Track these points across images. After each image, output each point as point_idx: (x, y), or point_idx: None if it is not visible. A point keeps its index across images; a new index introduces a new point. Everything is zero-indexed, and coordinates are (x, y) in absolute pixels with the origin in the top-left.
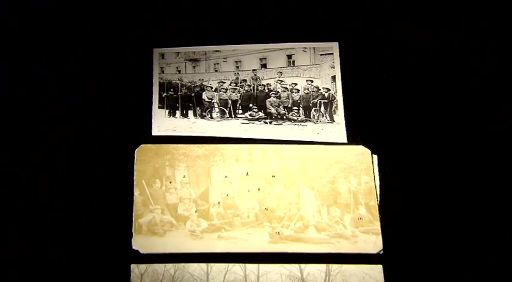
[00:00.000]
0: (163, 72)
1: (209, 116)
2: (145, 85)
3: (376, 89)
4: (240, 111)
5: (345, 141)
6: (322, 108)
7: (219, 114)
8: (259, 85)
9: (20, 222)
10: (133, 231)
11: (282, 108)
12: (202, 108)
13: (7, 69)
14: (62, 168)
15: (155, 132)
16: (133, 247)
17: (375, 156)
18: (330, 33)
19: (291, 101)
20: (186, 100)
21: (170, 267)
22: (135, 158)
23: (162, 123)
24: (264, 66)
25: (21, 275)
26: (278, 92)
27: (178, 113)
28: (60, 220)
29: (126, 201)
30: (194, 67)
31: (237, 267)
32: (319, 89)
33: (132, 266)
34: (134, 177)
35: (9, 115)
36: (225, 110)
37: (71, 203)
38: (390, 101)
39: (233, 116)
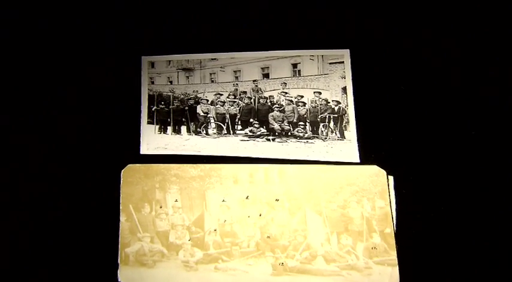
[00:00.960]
0: (153, 83)
1: (204, 132)
2: (132, 97)
3: (392, 102)
4: (239, 127)
5: (358, 160)
6: (332, 124)
7: (215, 131)
8: (261, 97)
9: None
10: (119, 261)
11: (286, 124)
12: (197, 124)
13: None
14: (41, 190)
15: (144, 150)
16: (119, 280)
17: (391, 178)
18: (340, 40)
19: (296, 116)
20: (178, 114)
21: None
22: (122, 179)
23: (152, 140)
24: (266, 76)
25: None
26: (282, 105)
27: (169, 128)
28: (40, 251)
29: (111, 228)
30: (188, 77)
31: None
32: (329, 102)
33: None
34: (120, 201)
35: None
36: (223, 125)
37: (51, 231)
38: (408, 116)
39: (231, 132)
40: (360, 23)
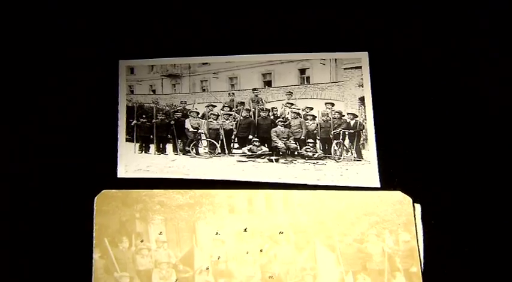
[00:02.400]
0: (132, 92)
1: (194, 151)
2: (108, 110)
3: (419, 115)
4: (236, 146)
5: (378, 185)
6: (347, 141)
7: (207, 150)
8: (262, 110)
9: None
10: None
11: (292, 141)
12: (185, 141)
13: None
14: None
15: (121, 173)
16: None
17: (418, 206)
18: (357, 41)
19: (304, 132)
20: (163, 130)
21: None
22: (95, 208)
23: (131, 161)
24: (268, 83)
25: None
26: (287, 119)
27: (152, 147)
28: None
29: (83, 267)
30: (174, 85)
31: None
32: (343, 115)
33: None
34: (93, 234)
35: None
36: (216, 143)
37: (14, 272)
38: (439, 132)
39: (227, 151)
40: (380, 22)
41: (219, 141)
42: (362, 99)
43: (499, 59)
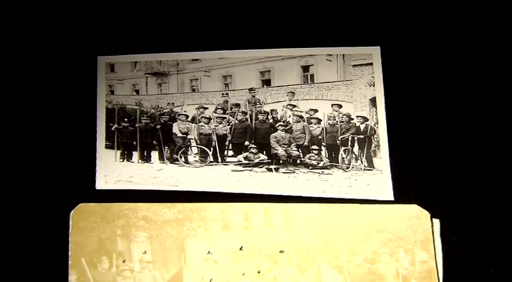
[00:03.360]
0: (112, 92)
1: (183, 159)
2: (85, 112)
3: (438, 118)
4: (231, 153)
5: (391, 198)
6: (356, 148)
7: (198, 158)
8: (260, 112)
9: None
10: None
11: (294, 148)
12: (173, 148)
13: None
14: None
15: (100, 184)
16: None
17: (436, 222)
18: (368, 34)
19: (308, 137)
20: (147, 135)
21: None
22: (71, 223)
23: (112, 170)
24: (266, 82)
25: None
26: (288, 122)
27: (135, 155)
28: None
29: None
30: (160, 85)
31: None
32: (352, 119)
33: None
34: (69, 254)
35: None
36: (208, 150)
37: None
38: (459, 137)
39: (220, 159)
40: (393, 12)
41: (211, 148)
42: (373, 100)
43: None
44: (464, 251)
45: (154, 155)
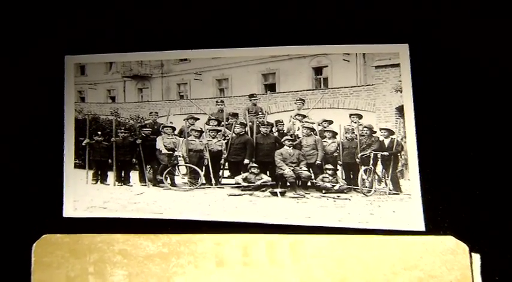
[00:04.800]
0: (83, 99)
1: (169, 181)
2: (49, 124)
3: (479, 132)
4: (227, 174)
5: (422, 228)
6: (380, 168)
7: (187, 179)
8: (262, 124)
9: None
10: None
11: (304, 168)
12: (157, 168)
13: None
14: None
15: (69, 211)
16: None
17: (476, 257)
18: (393, 29)
19: (320, 154)
20: (126, 152)
21: None
22: (33, 259)
23: (82, 194)
24: (270, 87)
25: None
26: (297, 136)
27: (111, 175)
28: None
29: None
30: (141, 90)
31: None
32: (374, 132)
33: None
34: None
35: None
36: (199, 170)
37: None
38: (505, 155)
39: (214, 181)
40: (425, 2)
41: (203, 168)
42: (400, 110)
43: None
44: None
45: (134, 175)
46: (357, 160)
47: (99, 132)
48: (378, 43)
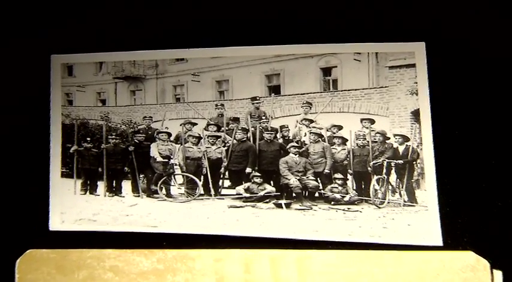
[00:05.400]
0: (70, 103)
1: (164, 192)
2: (35, 129)
3: (502, 138)
4: (228, 183)
5: (440, 243)
6: (394, 177)
7: (184, 189)
8: (266, 129)
9: None
10: None
11: (311, 176)
12: (151, 177)
13: None
14: None
15: (55, 224)
16: None
17: (498, 274)
18: (408, 27)
19: (329, 163)
20: (117, 160)
21: None
22: (17, 276)
23: (70, 206)
24: (274, 90)
25: None
26: (304, 143)
27: (101, 185)
28: None
29: None
30: (134, 93)
31: None
32: (388, 138)
33: None
34: None
35: None
36: (197, 180)
37: None
38: None
39: (213, 192)
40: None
41: (202, 177)
42: (416, 114)
43: None
44: None
45: (126, 185)
46: (369, 169)
47: (88, 139)
48: (391, 41)
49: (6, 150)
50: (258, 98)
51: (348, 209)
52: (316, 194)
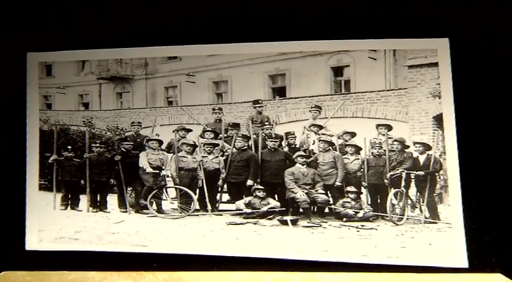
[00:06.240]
0: (49, 106)
1: (155, 207)
2: (9, 136)
3: None
4: (226, 197)
5: (465, 264)
6: (413, 190)
7: (177, 204)
8: (269, 137)
9: None
10: None
11: (320, 190)
12: (140, 190)
13: None
14: None
15: (32, 243)
16: None
17: None
18: (431, 23)
19: (341, 174)
20: (102, 171)
21: None
22: None
23: (49, 223)
24: (279, 92)
25: None
26: (313, 152)
27: (84, 200)
28: None
29: None
30: (120, 95)
31: None
32: (407, 146)
33: None
34: None
35: None
36: (192, 194)
37: None
38: None
39: (210, 207)
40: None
41: (197, 190)
42: (439, 119)
43: None
44: None
45: (112, 200)
46: (386, 181)
47: (69, 147)
48: (411, 37)
49: None
50: (260, 101)
51: (362, 226)
52: (326, 210)
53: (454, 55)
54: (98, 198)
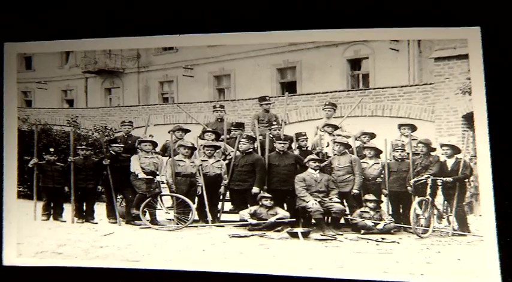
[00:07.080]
0: (29, 103)
1: (148, 217)
2: None
3: None
4: (229, 207)
5: (498, 281)
6: (441, 200)
7: (173, 214)
8: (277, 138)
9: None
10: None
11: (335, 198)
12: (131, 199)
13: None
14: None
15: (10, 258)
16: None
17: None
18: (460, 10)
19: (359, 180)
20: (88, 177)
21: None
22: None
23: (29, 235)
24: (288, 87)
25: None
26: (327, 155)
27: (68, 209)
28: None
29: None
30: (109, 91)
31: None
32: (433, 149)
33: None
34: None
35: None
36: (190, 202)
37: None
38: None
39: (210, 217)
40: None
41: (196, 199)
42: (469, 118)
43: None
44: None
45: (100, 209)
46: (409, 188)
47: (52, 149)
48: (438, 26)
49: None
50: (267, 98)
51: (382, 239)
52: (342, 221)
53: (486, 46)
54: (84, 208)
